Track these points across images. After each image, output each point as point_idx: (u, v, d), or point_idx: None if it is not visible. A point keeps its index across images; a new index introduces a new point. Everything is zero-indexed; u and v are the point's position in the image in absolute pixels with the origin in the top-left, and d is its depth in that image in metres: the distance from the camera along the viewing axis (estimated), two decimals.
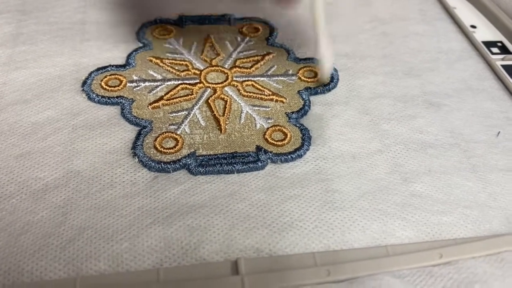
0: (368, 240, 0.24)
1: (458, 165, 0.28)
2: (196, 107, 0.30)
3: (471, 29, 0.39)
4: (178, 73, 0.32)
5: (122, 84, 0.31)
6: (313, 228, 0.24)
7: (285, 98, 0.31)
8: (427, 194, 0.26)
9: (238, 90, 0.32)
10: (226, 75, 0.33)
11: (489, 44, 0.38)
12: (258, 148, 0.28)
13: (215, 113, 0.30)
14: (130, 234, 0.23)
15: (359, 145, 0.29)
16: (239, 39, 0.36)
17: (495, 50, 0.37)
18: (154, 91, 0.31)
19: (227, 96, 0.31)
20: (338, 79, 0.33)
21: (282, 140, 0.28)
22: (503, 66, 0.35)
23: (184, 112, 0.30)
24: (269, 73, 0.33)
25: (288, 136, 0.29)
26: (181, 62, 0.33)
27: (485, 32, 0.39)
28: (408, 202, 0.26)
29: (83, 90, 0.31)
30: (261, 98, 0.31)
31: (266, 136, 0.29)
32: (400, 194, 0.26)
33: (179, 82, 0.32)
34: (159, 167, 0.26)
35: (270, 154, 0.27)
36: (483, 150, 0.29)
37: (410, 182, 0.27)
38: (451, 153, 0.29)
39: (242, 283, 0.21)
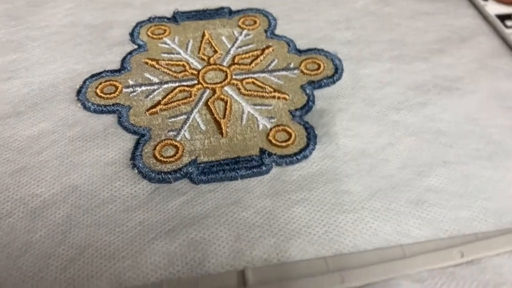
0: (382, 243, 0.23)
1: (474, 154, 0.26)
2: (196, 110, 0.29)
3: (483, 2, 0.37)
4: (175, 74, 0.31)
5: (118, 90, 0.30)
6: (323, 233, 0.23)
7: (288, 95, 0.30)
8: (443, 188, 0.25)
9: (238, 89, 0.30)
10: (225, 73, 0.31)
11: (503, 17, 0.35)
12: (262, 151, 0.26)
13: (215, 115, 0.28)
14: (132, 251, 0.22)
15: (367, 139, 0.27)
16: (236, 33, 0.34)
17: (509, 23, 0.35)
18: (151, 96, 0.30)
19: (227, 96, 0.30)
20: (342, 69, 0.32)
21: (286, 141, 0.27)
22: None
23: (183, 116, 0.29)
24: (269, 68, 0.32)
25: (293, 136, 0.27)
26: (177, 63, 0.32)
27: (498, 4, 0.37)
28: (423, 198, 0.24)
29: (78, 99, 0.30)
30: (263, 96, 0.30)
31: (270, 137, 0.27)
32: (414, 190, 0.25)
33: (177, 84, 0.31)
34: (159, 177, 0.25)
35: (275, 156, 0.26)
36: (501, 135, 0.27)
37: (424, 176, 0.25)
38: (467, 141, 0.27)
39: None
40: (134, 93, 0.30)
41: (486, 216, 0.23)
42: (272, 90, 0.30)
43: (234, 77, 0.31)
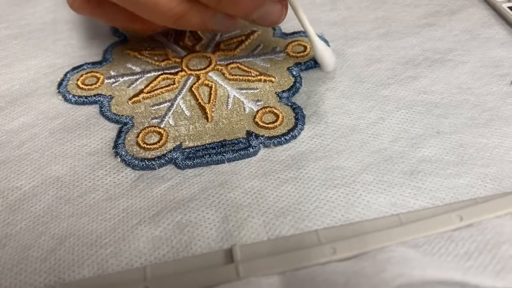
0: (376, 215, 0.21)
1: (469, 122, 0.25)
2: (180, 97, 0.28)
3: None
4: (157, 63, 0.30)
5: (100, 81, 0.29)
6: (314, 209, 0.22)
7: (274, 77, 0.29)
8: (438, 157, 0.24)
9: (223, 74, 0.29)
10: (209, 59, 0.31)
11: None
12: (249, 134, 0.25)
13: (200, 101, 0.28)
14: (115, 238, 0.21)
15: (357, 115, 0.26)
16: None
17: None
18: (133, 85, 0.29)
19: (212, 82, 0.29)
20: None
21: (273, 122, 0.26)
22: (510, 8, 0.32)
23: (167, 103, 0.28)
24: (255, 52, 0.31)
25: (280, 117, 0.26)
26: (160, 52, 0.31)
27: None
28: (417, 169, 0.23)
29: (59, 92, 0.29)
30: (248, 80, 0.29)
31: (257, 120, 0.26)
32: (407, 161, 0.24)
33: (160, 72, 0.30)
34: (143, 164, 0.24)
35: (262, 138, 0.25)
36: (496, 102, 0.26)
37: (417, 147, 0.24)
38: (461, 110, 0.26)
39: (237, 271, 0.19)
40: (116, 83, 0.29)
41: (484, 182, 0.22)
42: (257, 73, 0.29)
43: (218, 62, 0.30)
